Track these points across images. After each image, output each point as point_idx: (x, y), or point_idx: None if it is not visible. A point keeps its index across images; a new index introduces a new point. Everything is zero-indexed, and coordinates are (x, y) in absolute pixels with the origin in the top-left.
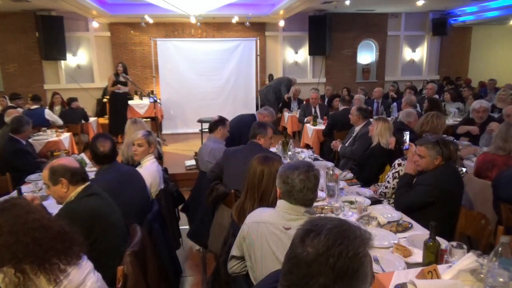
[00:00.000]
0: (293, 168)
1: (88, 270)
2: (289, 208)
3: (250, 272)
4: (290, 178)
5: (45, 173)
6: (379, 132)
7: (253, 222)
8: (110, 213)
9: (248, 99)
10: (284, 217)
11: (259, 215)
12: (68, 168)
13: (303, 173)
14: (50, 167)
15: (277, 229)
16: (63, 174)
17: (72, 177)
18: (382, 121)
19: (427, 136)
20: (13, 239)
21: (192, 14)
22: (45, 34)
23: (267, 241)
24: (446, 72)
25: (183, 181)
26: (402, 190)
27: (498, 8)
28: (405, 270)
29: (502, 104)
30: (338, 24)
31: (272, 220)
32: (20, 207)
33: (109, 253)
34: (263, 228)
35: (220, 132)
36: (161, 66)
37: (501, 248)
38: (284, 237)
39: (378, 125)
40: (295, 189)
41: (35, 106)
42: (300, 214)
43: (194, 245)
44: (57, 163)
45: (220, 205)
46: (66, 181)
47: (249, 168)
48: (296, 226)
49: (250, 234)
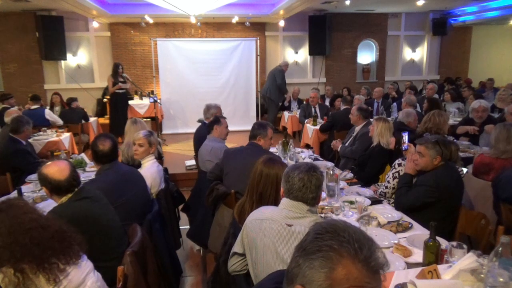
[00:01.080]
0: (295, 168)
1: (88, 269)
2: (291, 206)
3: (251, 269)
4: (291, 177)
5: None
6: (380, 132)
7: (256, 219)
8: (102, 215)
9: (248, 99)
10: (287, 214)
11: (262, 212)
12: (50, 179)
13: (303, 172)
14: (39, 170)
15: (279, 226)
16: (44, 183)
17: (52, 189)
18: (383, 121)
19: (428, 136)
20: (10, 239)
21: (192, 14)
22: (45, 34)
23: (269, 237)
24: (446, 72)
25: (183, 181)
26: (402, 190)
27: (498, 8)
28: (405, 270)
29: (502, 104)
30: (338, 24)
31: (275, 217)
32: (17, 207)
33: (105, 255)
34: (265, 225)
35: (217, 130)
36: (161, 66)
37: (501, 248)
38: (286, 233)
39: (378, 125)
40: (294, 187)
41: (35, 106)
42: (303, 212)
43: (194, 245)
44: (45, 170)
45: (220, 205)
46: (47, 190)
47: (254, 169)
48: (298, 223)
49: (252, 231)
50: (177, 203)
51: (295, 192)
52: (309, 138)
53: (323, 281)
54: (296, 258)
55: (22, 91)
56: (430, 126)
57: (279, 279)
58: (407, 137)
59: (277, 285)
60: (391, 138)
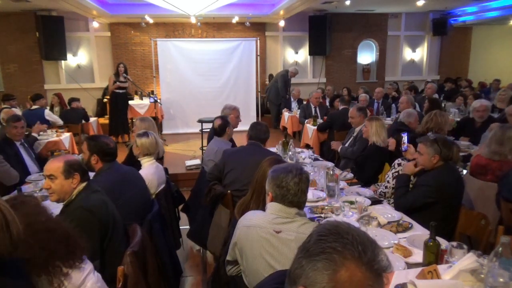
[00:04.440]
0: (287, 172)
1: (88, 270)
2: (280, 210)
3: (243, 276)
4: (285, 182)
5: (57, 165)
6: (375, 131)
7: (244, 226)
8: (115, 210)
9: (249, 99)
10: (275, 220)
11: (250, 218)
12: (81, 164)
13: (297, 176)
14: (65, 160)
15: (267, 233)
16: (78, 169)
17: (83, 175)
18: (375, 120)
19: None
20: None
21: (192, 14)
22: (45, 34)
23: (257, 245)
24: (446, 72)
25: (184, 181)
26: (401, 190)
27: (498, 8)
28: (405, 270)
29: (501, 104)
30: (338, 24)
31: (263, 224)
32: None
33: (113, 251)
34: (253, 232)
35: (228, 133)
36: (161, 66)
37: (502, 248)
38: (275, 241)
39: (372, 125)
40: (290, 192)
41: (35, 107)
42: (291, 216)
43: (194, 245)
44: (72, 158)
45: (218, 205)
46: (79, 176)
47: (259, 169)
48: (287, 229)
49: (240, 239)
50: (177, 203)
51: (291, 197)
52: (309, 138)
53: (327, 283)
54: (299, 259)
55: (22, 91)
56: (431, 126)
57: (280, 279)
58: (407, 138)
59: (277, 285)
60: (390, 140)
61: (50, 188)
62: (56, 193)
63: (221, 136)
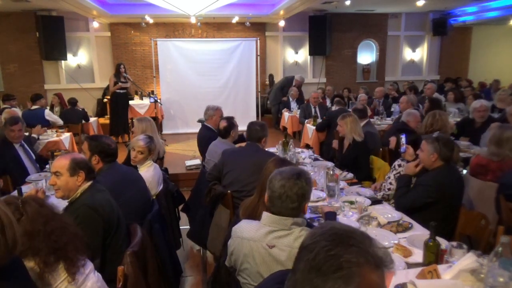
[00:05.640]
0: (280, 172)
1: (88, 270)
2: (273, 222)
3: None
4: (272, 182)
5: (64, 162)
6: (350, 128)
7: (237, 237)
8: (119, 210)
9: (249, 99)
10: (271, 234)
11: (243, 229)
12: (88, 163)
13: (285, 178)
14: (72, 157)
15: (260, 247)
16: (84, 167)
17: (88, 173)
18: (348, 116)
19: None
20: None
21: (192, 14)
22: (46, 34)
23: (250, 259)
24: (446, 72)
25: (184, 181)
26: (402, 190)
27: (498, 8)
28: (405, 270)
29: (501, 104)
30: (338, 24)
31: (255, 237)
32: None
33: (114, 250)
34: (246, 246)
35: (233, 136)
36: (161, 66)
37: (501, 248)
38: (267, 256)
39: (346, 123)
40: (274, 194)
41: (35, 107)
42: (287, 228)
43: (194, 245)
44: (79, 156)
45: (218, 205)
46: (84, 175)
47: (265, 169)
48: (281, 244)
49: (235, 250)
50: (177, 203)
51: (275, 200)
52: (309, 138)
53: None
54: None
55: (22, 91)
56: (437, 128)
57: (280, 279)
58: (405, 139)
59: (278, 285)
60: (390, 138)
61: (55, 185)
62: (61, 190)
63: (226, 138)
